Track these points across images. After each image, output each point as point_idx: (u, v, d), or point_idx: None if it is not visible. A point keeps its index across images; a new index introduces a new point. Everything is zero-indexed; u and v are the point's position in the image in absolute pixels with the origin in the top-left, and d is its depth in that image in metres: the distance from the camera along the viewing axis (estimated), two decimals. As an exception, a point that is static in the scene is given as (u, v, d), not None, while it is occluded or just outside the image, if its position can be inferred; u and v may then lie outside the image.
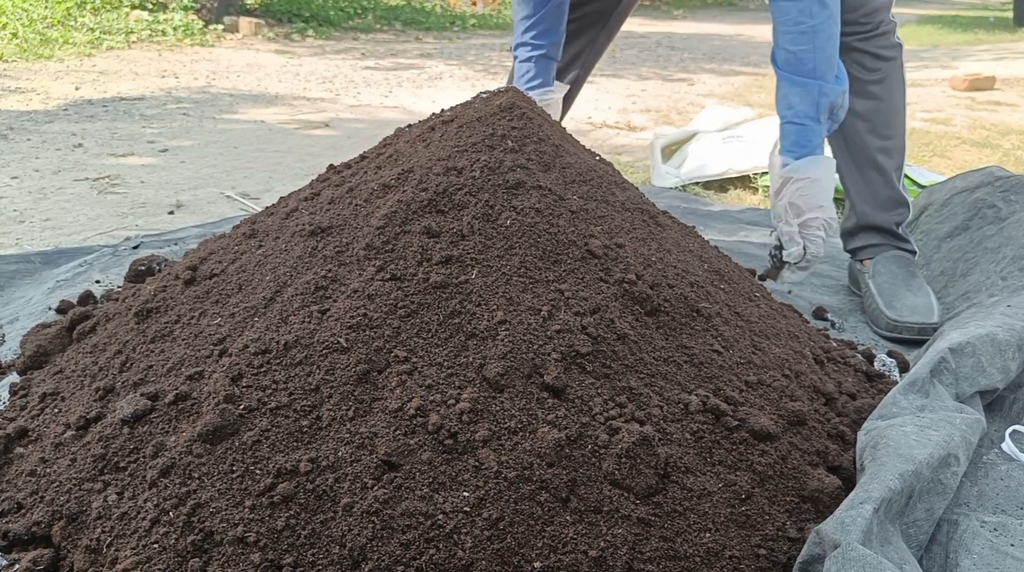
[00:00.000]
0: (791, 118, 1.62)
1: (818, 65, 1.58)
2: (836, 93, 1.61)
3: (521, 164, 1.23)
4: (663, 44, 8.94)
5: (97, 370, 1.19)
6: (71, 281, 1.83)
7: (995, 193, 2.05)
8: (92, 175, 3.04)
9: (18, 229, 2.42)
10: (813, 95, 1.59)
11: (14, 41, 6.06)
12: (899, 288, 1.78)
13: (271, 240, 1.28)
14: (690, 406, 1.03)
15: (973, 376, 1.22)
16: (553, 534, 0.88)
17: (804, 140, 1.62)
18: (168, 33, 7.13)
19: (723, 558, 0.91)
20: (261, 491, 0.91)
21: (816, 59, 1.58)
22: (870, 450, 1.02)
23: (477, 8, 11.97)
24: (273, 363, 1.03)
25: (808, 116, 1.60)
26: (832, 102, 1.61)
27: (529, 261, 1.12)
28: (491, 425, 0.95)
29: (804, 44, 1.57)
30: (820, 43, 1.57)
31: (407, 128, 1.48)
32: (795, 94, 1.61)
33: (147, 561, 0.88)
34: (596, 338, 1.05)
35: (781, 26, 1.59)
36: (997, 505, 1.08)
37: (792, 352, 1.26)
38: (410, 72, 6.25)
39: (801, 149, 1.63)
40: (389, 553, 0.86)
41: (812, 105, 1.60)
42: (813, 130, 1.62)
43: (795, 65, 1.59)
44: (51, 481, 1.01)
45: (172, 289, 1.27)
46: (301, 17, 8.67)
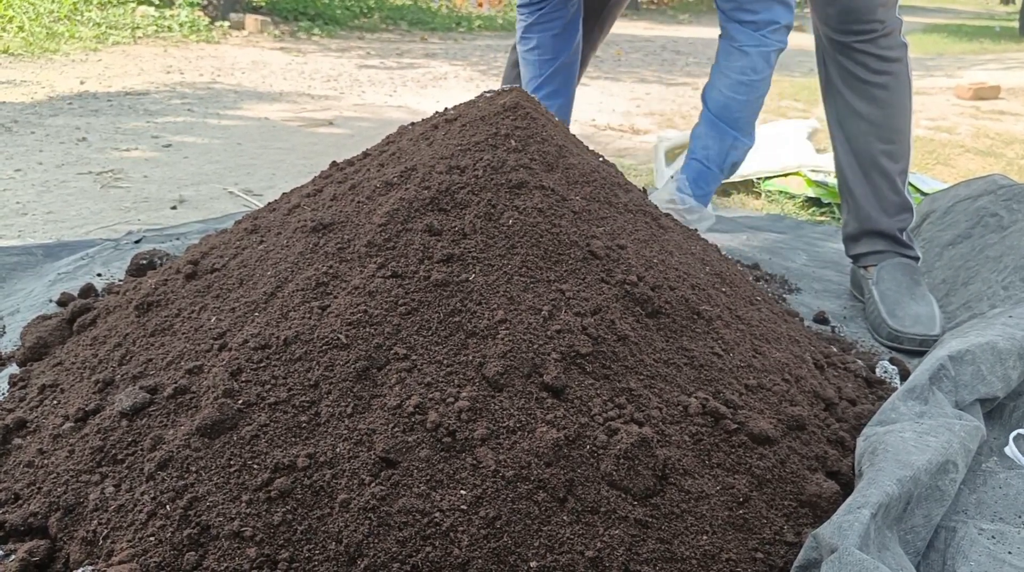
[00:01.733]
0: (701, 158, 1.75)
1: (742, 118, 1.71)
2: (744, 150, 1.74)
3: (524, 164, 1.23)
4: (668, 48, 8.94)
5: (97, 363, 1.19)
6: (72, 274, 1.83)
7: (998, 202, 2.05)
8: (95, 169, 3.05)
9: (21, 221, 2.42)
10: (726, 145, 1.72)
11: (20, 35, 6.06)
12: (902, 296, 1.77)
13: (273, 236, 1.28)
14: (689, 408, 1.03)
15: (973, 384, 1.22)
16: (550, 534, 0.88)
17: (703, 182, 1.75)
18: (174, 29, 7.14)
19: (720, 561, 0.91)
20: (258, 486, 0.91)
21: (743, 112, 1.71)
22: (869, 456, 1.01)
23: (482, 9, 11.98)
24: (273, 358, 1.03)
25: (715, 163, 1.74)
26: (737, 159, 1.74)
27: (530, 261, 1.12)
28: (490, 424, 0.95)
29: (740, 95, 1.69)
30: (752, 99, 1.70)
31: (410, 126, 1.48)
32: (712, 138, 1.73)
33: (143, 554, 0.88)
34: (596, 339, 1.05)
35: (725, 70, 1.71)
36: (995, 513, 1.08)
37: (793, 356, 1.26)
38: (414, 72, 6.25)
39: (699, 190, 1.75)
40: (385, 550, 0.86)
41: (722, 154, 1.73)
42: (714, 176, 1.76)
43: (724, 111, 1.71)
44: (49, 472, 1.01)
45: (173, 283, 1.27)
46: (307, 15, 8.68)
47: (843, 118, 1.88)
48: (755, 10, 1.65)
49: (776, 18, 1.65)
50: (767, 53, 1.67)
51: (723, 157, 1.72)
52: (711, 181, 1.75)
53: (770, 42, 1.66)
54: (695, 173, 1.74)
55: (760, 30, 1.66)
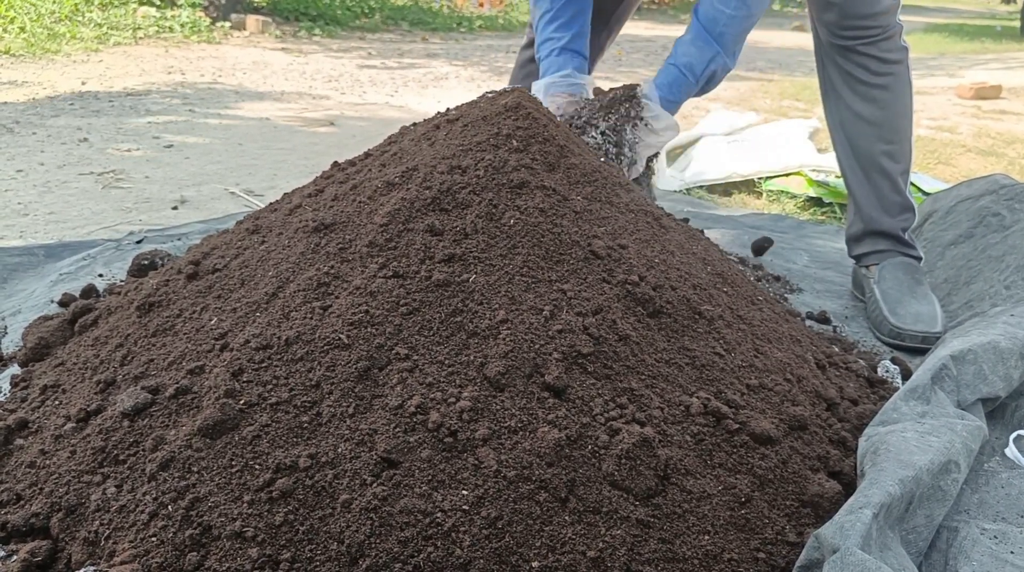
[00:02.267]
0: (681, 65, 1.72)
1: (727, 33, 1.68)
2: (723, 68, 1.71)
3: (526, 164, 1.23)
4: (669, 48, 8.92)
5: (98, 363, 1.19)
6: (74, 274, 1.84)
7: (999, 201, 2.05)
8: (97, 170, 3.05)
9: (22, 222, 2.42)
10: (707, 56, 1.69)
11: (22, 35, 6.07)
12: (904, 295, 1.77)
13: (274, 236, 1.28)
14: (691, 408, 1.03)
15: (975, 383, 1.22)
16: (552, 534, 0.88)
17: (678, 89, 1.72)
18: (175, 30, 7.15)
19: (722, 561, 0.91)
20: (260, 486, 0.91)
21: (730, 27, 1.67)
22: (870, 456, 1.01)
23: (483, 9, 11.98)
24: (274, 359, 1.03)
25: (693, 72, 1.71)
26: (714, 72, 1.71)
27: (532, 261, 1.12)
28: (491, 424, 0.95)
29: (728, 8, 1.66)
30: (740, 15, 1.67)
31: (412, 127, 1.48)
32: (696, 46, 1.70)
33: (145, 554, 0.88)
34: (598, 339, 1.05)
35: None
36: (997, 513, 1.07)
37: (794, 356, 1.26)
38: (415, 72, 6.26)
39: (670, 93, 1.72)
40: (387, 550, 0.86)
41: (702, 64, 1.70)
42: (689, 86, 1.72)
43: (711, 22, 1.68)
44: (50, 473, 1.01)
45: (174, 283, 1.27)
46: (308, 16, 8.68)
47: (844, 120, 1.88)
48: None
49: None
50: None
51: (702, 67, 1.69)
52: (685, 89, 1.72)
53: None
54: (671, 78, 1.72)
55: None
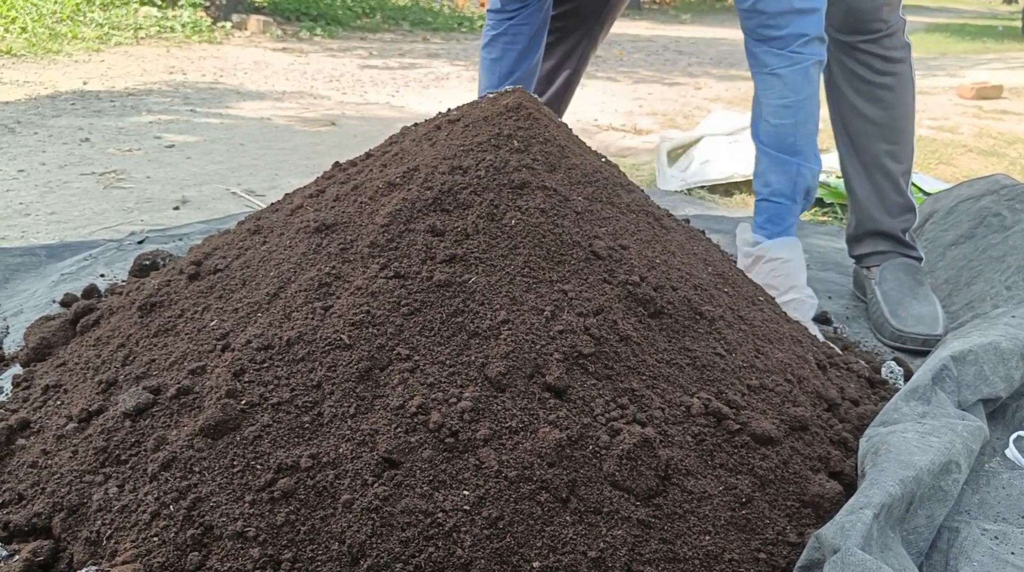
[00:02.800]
0: (767, 195, 1.62)
1: (799, 141, 1.58)
2: (813, 174, 1.61)
3: (527, 164, 1.23)
4: (670, 48, 8.94)
5: (100, 363, 1.19)
6: (76, 275, 1.84)
7: (1000, 201, 2.05)
8: (98, 170, 3.05)
9: (24, 222, 2.42)
10: (791, 174, 1.59)
11: (23, 35, 6.07)
12: (905, 296, 1.77)
13: (275, 236, 1.28)
14: (692, 409, 1.03)
15: (975, 384, 1.22)
16: (552, 534, 0.88)
17: (779, 218, 1.62)
18: (176, 30, 7.15)
19: (723, 561, 0.91)
20: (261, 486, 0.91)
21: (797, 135, 1.58)
22: (871, 456, 1.01)
23: (485, 9, 11.98)
24: (275, 359, 1.03)
25: (784, 195, 1.61)
26: (808, 184, 1.61)
27: (533, 261, 1.12)
28: (492, 424, 0.95)
29: (786, 119, 1.57)
30: (801, 119, 1.57)
31: (413, 127, 1.48)
32: (773, 171, 1.60)
33: (147, 554, 0.88)
34: (599, 339, 1.05)
35: (764, 99, 1.60)
36: (998, 513, 1.08)
37: (795, 357, 1.26)
38: (417, 72, 6.26)
39: (774, 227, 1.62)
40: (388, 550, 0.86)
41: (789, 184, 1.60)
42: (788, 209, 1.62)
43: (776, 140, 1.59)
44: (52, 473, 1.02)
45: (176, 284, 1.27)
46: (309, 16, 8.69)
47: (846, 118, 1.88)
48: (780, 25, 1.53)
49: (804, 30, 1.53)
50: (803, 70, 1.55)
51: (791, 187, 1.60)
52: (786, 214, 1.62)
53: (802, 56, 1.54)
54: (767, 213, 1.63)
55: (788, 46, 1.54)
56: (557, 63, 2.18)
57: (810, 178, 1.60)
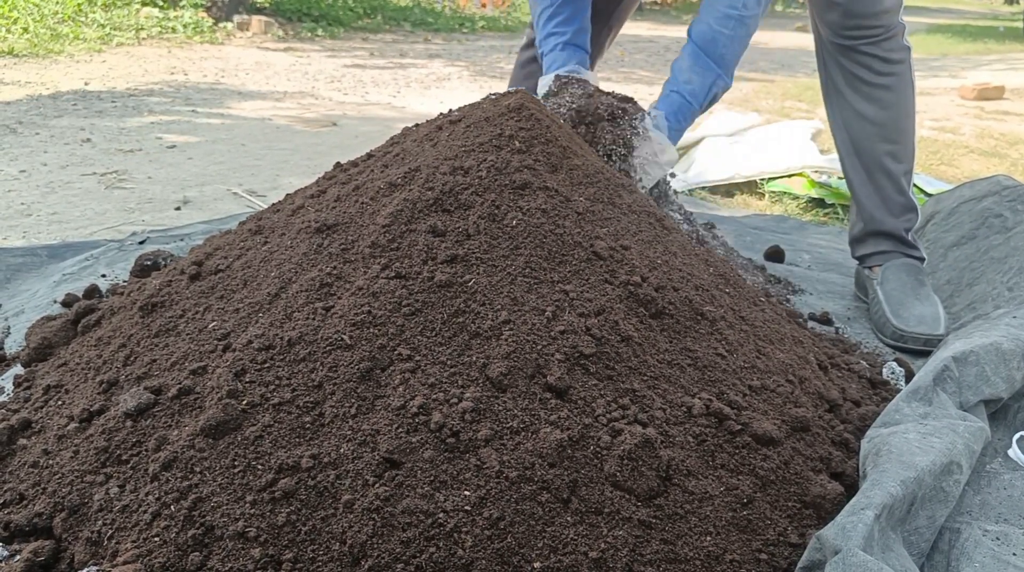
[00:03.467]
0: (684, 92, 1.70)
1: (726, 53, 1.66)
2: (724, 86, 1.70)
3: (528, 165, 1.23)
4: (672, 49, 8.94)
5: (101, 363, 1.19)
6: (77, 275, 1.84)
7: (1002, 202, 2.05)
8: (99, 170, 3.05)
9: (25, 222, 2.42)
10: (708, 80, 1.68)
11: (25, 36, 6.08)
12: (907, 297, 1.77)
13: (277, 237, 1.28)
14: (693, 409, 1.03)
15: (977, 385, 1.22)
16: (553, 535, 0.88)
17: (683, 116, 1.72)
18: (178, 30, 7.16)
19: (724, 562, 0.91)
20: (262, 486, 0.91)
21: (729, 48, 1.66)
22: (872, 457, 1.01)
23: (486, 10, 11.98)
24: (276, 359, 1.03)
25: (695, 98, 1.70)
26: (716, 95, 1.70)
27: (534, 261, 1.12)
28: (493, 425, 0.95)
29: (726, 28, 1.64)
30: (739, 35, 1.66)
31: (414, 127, 1.48)
32: (697, 71, 1.68)
33: (148, 554, 0.88)
34: (600, 339, 1.05)
35: (714, 3, 1.66)
36: (1000, 514, 1.07)
37: (796, 357, 1.26)
38: (418, 73, 6.26)
39: (676, 122, 1.71)
40: (389, 551, 0.86)
41: (705, 88, 1.69)
42: (693, 112, 1.72)
43: (708, 43, 1.67)
44: (53, 473, 1.02)
45: (177, 284, 1.27)
46: (311, 16, 8.69)
47: (847, 120, 1.88)
48: None
49: None
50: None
51: (705, 92, 1.69)
52: (689, 115, 1.72)
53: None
54: (676, 106, 1.71)
55: None
56: None
57: (720, 90, 1.71)
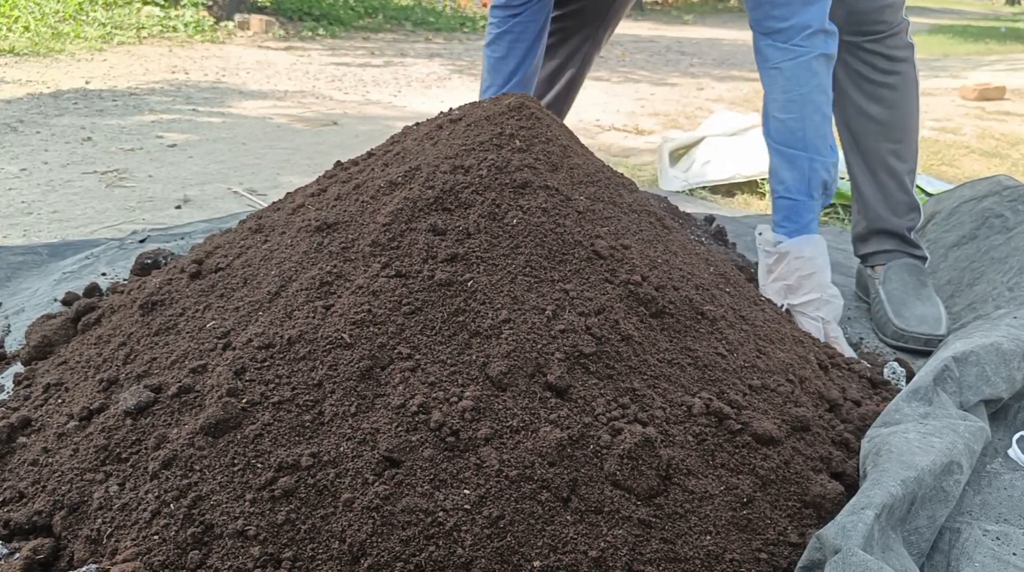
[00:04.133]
0: (782, 193, 1.60)
1: (807, 135, 1.55)
2: (827, 167, 1.58)
3: (529, 164, 1.23)
4: (673, 49, 8.94)
5: (101, 362, 1.19)
6: (77, 273, 1.84)
7: (1003, 202, 2.05)
8: (100, 169, 3.05)
9: (26, 221, 2.42)
10: (803, 169, 1.57)
11: (26, 35, 6.08)
12: (909, 297, 1.77)
13: (277, 235, 1.28)
14: (693, 409, 1.03)
15: (977, 385, 1.21)
16: (553, 533, 0.88)
17: (796, 215, 1.60)
18: (179, 29, 7.16)
19: (724, 561, 0.91)
20: (262, 485, 0.91)
21: (805, 129, 1.55)
22: (873, 457, 1.01)
23: (487, 9, 11.97)
24: (276, 358, 1.03)
25: (800, 191, 1.58)
26: (823, 178, 1.58)
27: (534, 260, 1.12)
28: (493, 423, 0.95)
29: (792, 113, 1.55)
30: (808, 113, 1.55)
31: (415, 126, 1.48)
32: (785, 167, 1.58)
33: (147, 552, 0.88)
34: (600, 339, 1.05)
35: (769, 95, 1.58)
36: (1000, 514, 1.07)
37: (797, 357, 1.25)
38: (419, 72, 6.26)
39: (793, 225, 1.60)
40: (389, 549, 0.86)
41: (803, 180, 1.57)
42: (805, 205, 1.59)
43: (785, 135, 1.57)
44: (53, 471, 1.02)
45: (177, 282, 1.27)
46: (312, 16, 8.69)
47: (850, 118, 1.88)
48: (783, 16, 1.52)
49: (808, 22, 1.51)
50: (805, 63, 1.53)
51: (805, 182, 1.57)
52: (803, 211, 1.59)
53: (804, 50, 1.53)
54: (784, 211, 1.60)
55: (791, 39, 1.53)
56: (560, 64, 2.17)
57: (823, 171, 1.57)
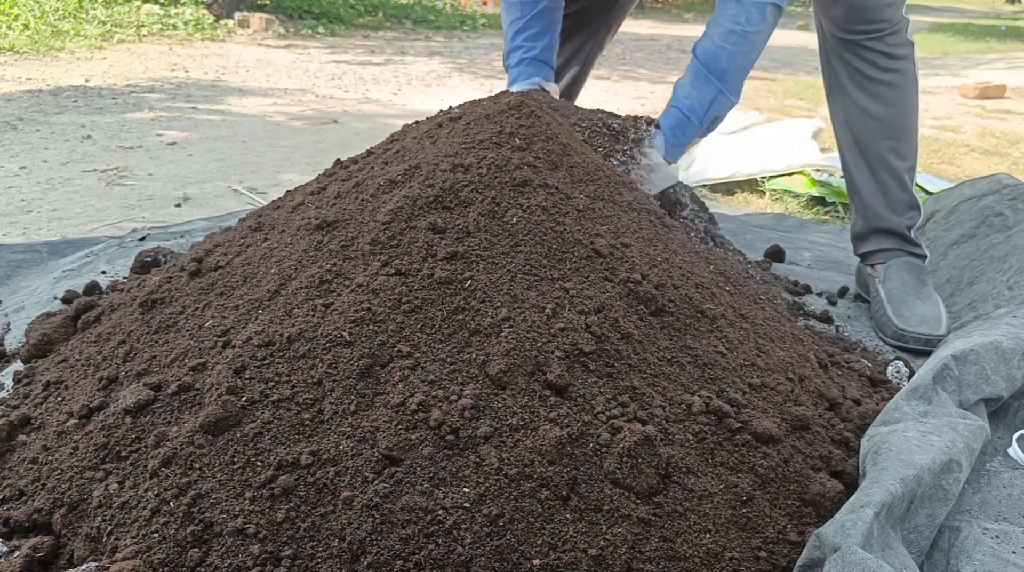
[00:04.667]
0: (683, 107, 1.69)
1: (729, 69, 1.64)
2: (726, 105, 1.67)
3: (528, 162, 1.23)
4: (673, 47, 8.93)
5: (101, 360, 1.19)
6: (77, 271, 1.84)
7: (1002, 201, 2.05)
8: (100, 167, 3.05)
9: (26, 219, 2.42)
10: (709, 95, 1.65)
11: (26, 32, 6.08)
12: (909, 296, 1.77)
13: (277, 233, 1.28)
14: (693, 407, 1.03)
15: (977, 384, 1.22)
16: (553, 532, 0.88)
17: (681, 131, 1.70)
18: (179, 27, 7.15)
19: (723, 559, 0.91)
20: (262, 483, 0.91)
21: (732, 63, 1.64)
22: (872, 455, 1.01)
23: (487, 8, 11.97)
24: (276, 356, 1.03)
25: (696, 113, 1.67)
26: (718, 113, 1.67)
27: (534, 259, 1.12)
28: (493, 422, 0.95)
29: (729, 44, 1.62)
30: (742, 51, 1.63)
31: (414, 124, 1.48)
32: (697, 86, 1.67)
33: (147, 550, 0.88)
34: (600, 337, 1.05)
35: (718, 19, 1.65)
36: (999, 512, 1.07)
37: (796, 356, 1.26)
38: (419, 70, 6.25)
39: (674, 138, 1.69)
40: (388, 547, 0.86)
41: (704, 104, 1.66)
42: (693, 128, 1.69)
43: (711, 59, 1.65)
44: (53, 469, 1.02)
45: (177, 281, 1.27)
46: (311, 14, 8.69)
47: (850, 116, 1.88)
48: None
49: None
50: (762, 5, 1.60)
51: (705, 108, 1.67)
52: (689, 132, 1.70)
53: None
54: (674, 121, 1.70)
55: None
56: (562, 64, 2.17)
57: (722, 107, 1.67)
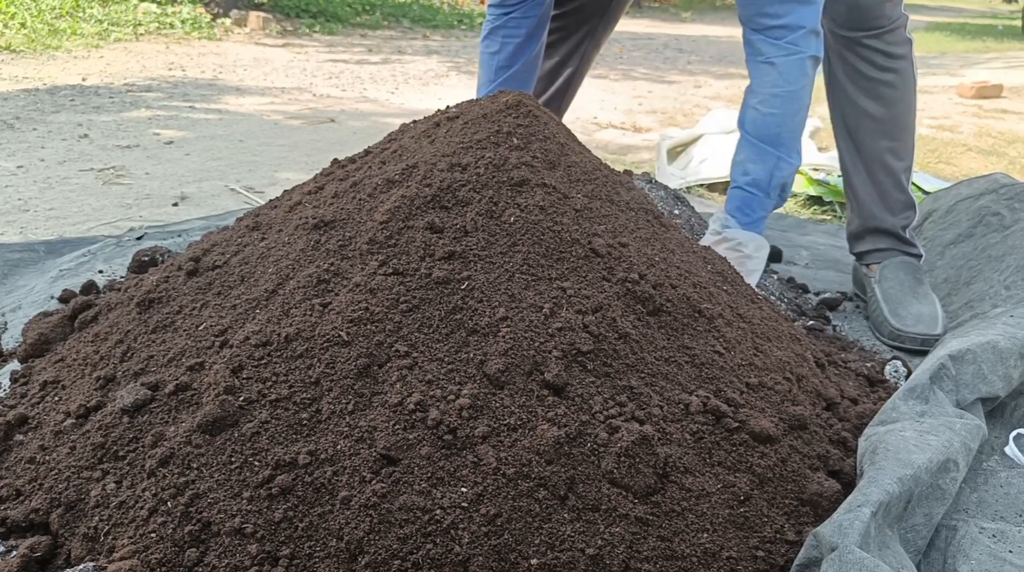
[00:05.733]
0: (743, 184, 1.61)
1: (783, 133, 1.57)
2: (791, 170, 1.60)
3: (526, 162, 1.23)
4: (671, 46, 8.93)
5: (98, 359, 1.19)
6: (74, 271, 1.84)
7: (1000, 200, 2.05)
8: (97, 166, 3.05)
9: (23, 218, 2.42)
10: (770, 165, 1.59)
11: (22, 31, 6.06)
12: (905, 296, 1.77)
13: (274, 233, 1.28)
14: (690, 407, 1.03)
15: (974, 383, 1.22)
16: (551, 531, 0.88)
17: (749, 208, 1.62)
18: (176, 26, 7.14)
19: (720, 559, 0.91)
20: (259, 483, 0.91)
21: (783, 127, 1.57)
22: (869, 455, 1.01)
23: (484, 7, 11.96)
24: (274, 355, 1.03)
25: (760, 187, 1.60)
26: (784, 180, 1.60)
27: (532, 258, 1.12)
28: (491, 421, 0.95)
29: (775, 108, 1.56)
30: (790, 111, 1.57)
31: (412, 124, 1.47)
32: (753, 160, 1.60)
33: (144, 550, 0.88)
34: (597, 337, 1.05)
35: (757, 87, 1.59)
36: (996, 512, 1.08)
37: (794, 355, 1.26)
38: (416, 69, 6.25)
39: (745, 216, 1.62)
40: (386, 547, 0.86)
41: (767, 175, 1.59)
42: (761, 202, 1.61)
43: (761, 129, 1.58)
44: (50, 469, 1.01)
45: (174, 280, 1.27)
46: (309, 13, 8.67)
47: (848, 115, 1.88)
48: (778, 14, 1.53)
49: (801, 22, 1.53)
50: (799, 61, 1.54)
51: (767, 179, 1.59)
52: (758, 207, 1.61)
53: (799, 48, 1.54)
54: (739, 201, 1.62)
55: (786, 36, 1.54)
56: (559, 62, 2.17)
57: (787, 173, 1.60)
